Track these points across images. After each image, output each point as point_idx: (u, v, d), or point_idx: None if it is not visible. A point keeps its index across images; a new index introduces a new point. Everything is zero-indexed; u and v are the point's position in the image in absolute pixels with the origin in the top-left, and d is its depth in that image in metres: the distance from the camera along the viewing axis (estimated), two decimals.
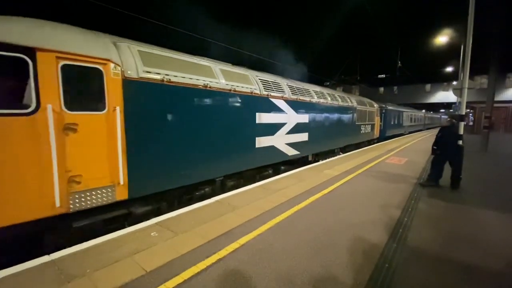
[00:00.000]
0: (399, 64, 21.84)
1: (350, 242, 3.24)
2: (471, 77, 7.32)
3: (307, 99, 8.45)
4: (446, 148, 5.97)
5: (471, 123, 30.53)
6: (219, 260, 2.81)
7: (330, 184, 6.04)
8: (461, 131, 5.90)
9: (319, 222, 3.87)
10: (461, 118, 6.06)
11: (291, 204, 4.64)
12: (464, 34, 6.33)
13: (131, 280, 2.43)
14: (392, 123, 19.96)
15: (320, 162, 9.33)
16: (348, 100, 12.09)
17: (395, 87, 42.81)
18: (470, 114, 31.97)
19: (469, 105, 28.91)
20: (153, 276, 2.49)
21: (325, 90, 10.41)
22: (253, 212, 4.22)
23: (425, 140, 18.58)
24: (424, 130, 34.79)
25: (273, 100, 6.86)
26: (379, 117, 16.96)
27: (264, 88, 6.61)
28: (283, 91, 7.37)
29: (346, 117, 11.74)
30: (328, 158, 10.22)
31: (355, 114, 12.64)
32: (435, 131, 27.88)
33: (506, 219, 4.17)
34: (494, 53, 13.01)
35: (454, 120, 6.25)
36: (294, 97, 7.78)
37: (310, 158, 9.51)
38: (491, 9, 12.37)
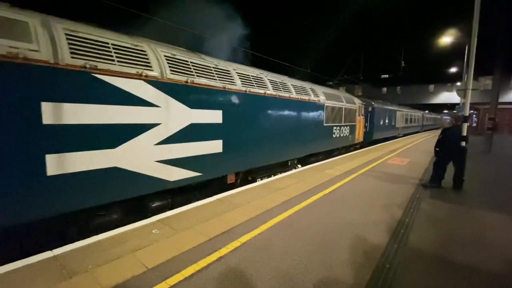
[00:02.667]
0: (403, 64, 21.72)
1: (351, 242, 3.24)
2: (475, 78, 7.26)
3: (219, 85, 5.18)
4: (449, 150, 5.93)
5: (474, 125, 30.35)
6: (220, 258, 2.82)
7: (331, 184, 6.03)
8: (465, 132, 5.86)
9: (320, 221, 3.87)
10: (465, 119, 6.02)
11: (292, 203, 4.64)
12: (469, 35, 6.28)
13: (133, 276, 2.44)
14: (381, 123, 17.09)
15: (321, 162, 9.23)
16: (310, 93, 8.78)
17: (398, 87, 42.60)
18: (474, 116, 31.77)
19: (473, 106, 28.70)
20: (154, 273, 2.51)
21: (266, 75, 7.06)
22: (254, 210, 4.23)
23: (428, 141, 18.48)
24: (421, 131, 32.25)
25: (108, 80, 3.54)
26: (363, 117, 13.91)
27: (75, 53, 3.31)
28: (149, 66, 4.06)
29: (306, 116, 8.46)
30: (276, 174, 7.39)
31: (323, 112, 9.46)
32: (434, 133, 27.65)
33: (509, 221, 4.14)
34: (499, 54, 12.90)
35: (453, 121, 6.21)
36: (181, 79, 4.47)
37: (231, 180, 6.01)
38: (497, 10, 12.26)
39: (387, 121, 18.23)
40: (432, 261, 2.88)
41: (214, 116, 5.18)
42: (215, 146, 5.24)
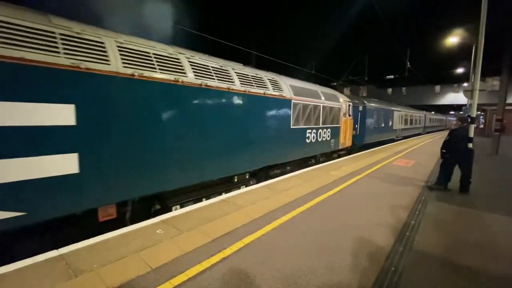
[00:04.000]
0: (408, 64, 21.53)
1: (355, 244, 3.21)
2: (483, 78, 7.16)
3: (65, 63, 3.21)
4: (455, 151, 5.86)
5: (481, 126, 29.91)
6: (224, 259, 2.82)
7: (336, 185, 5.99)
8: (472, 134, 5.78)
9: (325, 223, 3.85)
10: (472, 120, 5.94)
11: (296, 204, 4.62)
12: (476, 35, 6.19)
13: (137, 276, 2.46)
14: (375, 125, 15.17)
15: (326, 163, 9.17)
16: (268, 85, 6.70)
17: (404, 88, 42.22)
18: (481, 117, 31.32)
19: (480, 107, 28.28)
20: (159, 273, 2.52)
21: (190, 57, 4.95)
22: (258, 211, 4.22)
23: (434, 142, 18.27)
24: (424, 133, 29.92)
25: None
26: (351, 117, 11.89)
27: None
28: None
29: (261, 115, 6.41)
30: (211, 197, 5.21)
31: (289, 111, 7.41)
32: (438, 135, 27.18)
33: None
34: (507, 54, 12.70)
35: (460, 122, 6.13)
36: None
37: (108, 215, 3.85)
38: (504, 9, 12.07)
39: (382, 122, 16.34)
40: (438, 265, 2.84)
41: (54, 115, 3.10)
42: (61, 164, 3.18)
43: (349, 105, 11.59)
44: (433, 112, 40.01)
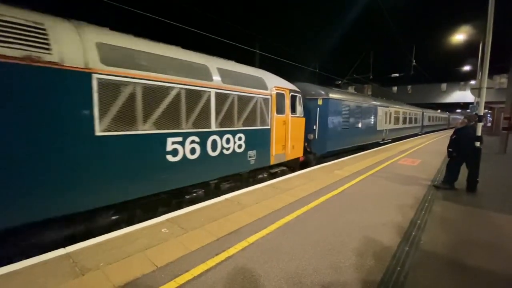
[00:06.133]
0: (414, 62, 21.26)
1: (360, 244, 3.19)
2: (490, 76, 7.04)
3: None
4: (462, 150, 5.77)
5: (489, 124, 29.45)
6: (228, 258, 2.83)
7: (340, 184, 5.96)
8: (479, 132, 5.69)
9: (329, 222, 3.83)
10: (479, 118, 5.84)
11: (300, 204, 4.61)
12: (483, 31, 6.09)
13: (143, 274, 2.48)
14: (346, 126, 10.69)
15: (330, 162, 9.12)
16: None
17: (409, 87, 41.73)
18: (488, 115, 30.83)
19: (487, 105, 27.80)
20: (164, 272, 2.53)
21: None
22: (262, 211, 4.22)
23: (440, 141, 18.04)
24: (422, 134, 25.80)
25: None
26: (300, 115, 7.92)
27: None
28: None
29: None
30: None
31: (89, 101, 3.27)
32: (441, 134, 26.62)
33: None
34: None
35: (467, 121, 6.04)
36: None
37: None
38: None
39: (359, 121, 11.95)
40: (445, 265, 2.80)
41: None
42: None
43: (294, 96, 7.50)
44: (439, 111, 39.38)
